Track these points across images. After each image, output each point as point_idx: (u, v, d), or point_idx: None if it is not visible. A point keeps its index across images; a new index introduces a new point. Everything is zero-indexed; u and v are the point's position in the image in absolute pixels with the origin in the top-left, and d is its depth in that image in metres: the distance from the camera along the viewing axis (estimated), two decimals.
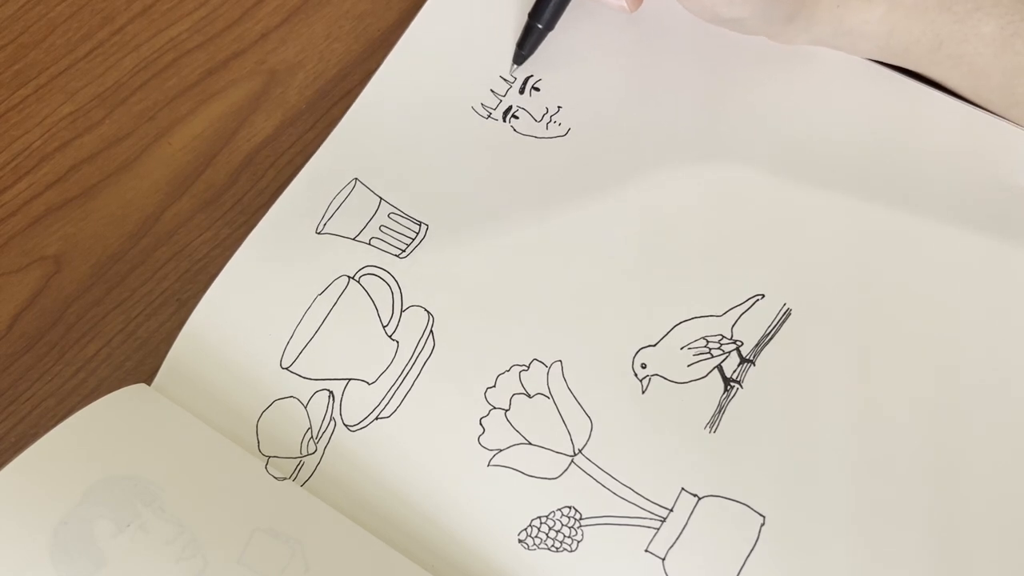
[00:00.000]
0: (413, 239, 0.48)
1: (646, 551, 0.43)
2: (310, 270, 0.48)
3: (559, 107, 0.50)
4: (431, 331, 0.47)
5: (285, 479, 0.45)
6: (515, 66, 0.51)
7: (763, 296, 0.46)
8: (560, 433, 0.45)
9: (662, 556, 0.43)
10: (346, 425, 0.46)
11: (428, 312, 0.47)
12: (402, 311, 0.47)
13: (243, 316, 0.47)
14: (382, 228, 0.49)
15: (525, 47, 0.50)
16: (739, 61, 0.50)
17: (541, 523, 0.43)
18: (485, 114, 0.50)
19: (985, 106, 0.47)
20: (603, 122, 0.50)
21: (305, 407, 0.46)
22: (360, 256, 0.48)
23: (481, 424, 0.45)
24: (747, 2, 0.44)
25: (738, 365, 0.45)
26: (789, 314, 0.46)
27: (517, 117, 0.50)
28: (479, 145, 0.50)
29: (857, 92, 0.49)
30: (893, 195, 0.47)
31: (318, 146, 0.50)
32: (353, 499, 0.44)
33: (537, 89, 0.51)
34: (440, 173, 0.49)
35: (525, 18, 0.50)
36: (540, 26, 0.49)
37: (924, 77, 0.48)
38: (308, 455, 0.45)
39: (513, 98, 0.51)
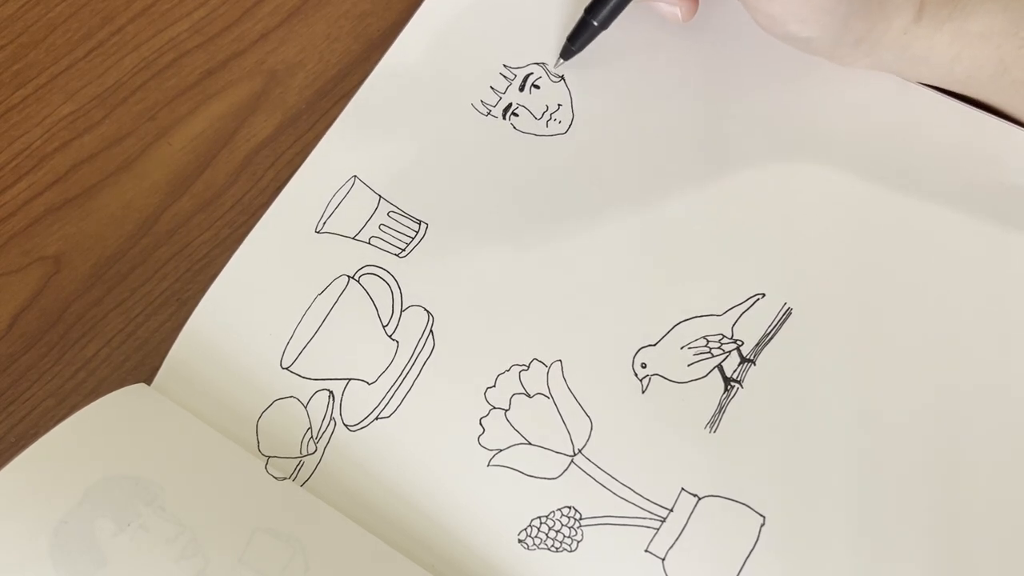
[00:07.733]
0: (413, 238, 0.48)
1: (646, 551, 0.43)
2: (310, 269, 0.48)
3: (559, 105, 0.50)
4: (431, 331, 0.46)
5: (285, 479, 0.45)
6: (561, 60, 0.50)
7: (763, 295, 0.46)
8: (560, 433, 0.45)
9: (662, 556, 0.43)
10: (346, 425, 0.45)
11: (428, 312, 0.47)
12: (402, 311, 0.47)
13: (243, 316, 0.47)
14: (382, 227, 0.48)
15: (576, 43, 0.49)
16: (739, 62, 0.50)
17: (541, 523, 0.43)
18: (485, 111, 0.50)
19: None
20: (604, 120, 0.50)
21: (305, 407, 0.46)
22: (360, 255, 0.48)
23: (481, 424, 0.45)
24: (819, 23, 0.43)
25: (738, 365, 0.45)
26: (790, 314, 0.46)
27: (517, 115, 0.50)
28: (479, 143, 0.50)
29: (857, 92, 0.48)
30: (894, 195, 0.47)
31: None
32: (353, 499, 0.44)
33: (537, 87, 0.50)
34: (440, 171, 0.49)
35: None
36: (595, 23, 0.48)
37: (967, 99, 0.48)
38: (308, 455, 0.45)
39: (513, 95, 0.50)
